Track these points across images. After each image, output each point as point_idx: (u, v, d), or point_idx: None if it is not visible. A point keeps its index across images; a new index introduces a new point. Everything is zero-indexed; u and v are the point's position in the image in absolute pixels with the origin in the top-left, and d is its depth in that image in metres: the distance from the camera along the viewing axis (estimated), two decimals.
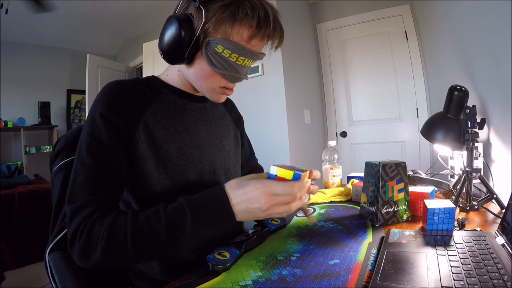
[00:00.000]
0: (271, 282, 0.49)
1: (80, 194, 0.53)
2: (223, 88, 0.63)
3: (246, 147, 0.91)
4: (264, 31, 0.57)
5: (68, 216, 0.53)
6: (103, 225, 0.50)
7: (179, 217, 0.50)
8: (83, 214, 0.51)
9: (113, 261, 0.51)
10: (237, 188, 0.52)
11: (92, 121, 0.57)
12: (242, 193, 0.51)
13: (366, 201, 0.78)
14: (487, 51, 1.08)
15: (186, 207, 0.51)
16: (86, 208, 0.52)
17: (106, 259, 0.49)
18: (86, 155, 0.54)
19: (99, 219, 0.51)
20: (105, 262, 0.50)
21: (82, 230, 0.50)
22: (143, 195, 0.62)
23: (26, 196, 2.26)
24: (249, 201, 0.50)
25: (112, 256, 0.50)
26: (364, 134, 2.71)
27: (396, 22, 2.52)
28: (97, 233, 0.50)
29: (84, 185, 0.53)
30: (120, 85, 0.61)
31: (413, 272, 0.46)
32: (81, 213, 0.52)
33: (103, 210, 0.53)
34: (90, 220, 0.51)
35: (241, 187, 0.51)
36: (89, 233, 0.50)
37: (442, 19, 1.70)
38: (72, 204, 0.53)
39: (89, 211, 0.52)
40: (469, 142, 0.85)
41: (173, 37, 0.56)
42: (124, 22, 3.33)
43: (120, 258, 0.50)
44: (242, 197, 0.51)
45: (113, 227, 0.50)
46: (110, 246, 0.49)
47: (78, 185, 0.53)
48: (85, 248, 0.50)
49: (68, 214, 0.53)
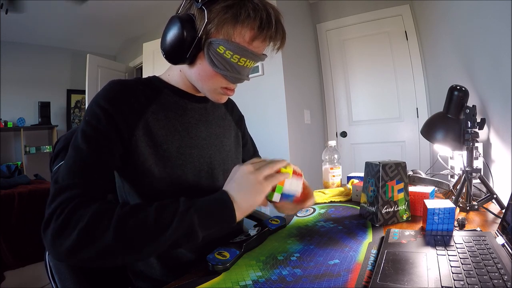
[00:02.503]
0: (271, 282, 0.49)
1: (67, 175, 0.50)
2: (224, 88, 0.63)
3: (249, 145, 0.91)
4: (266, 32, 0.57)
5: (50, 196, 0.49)
6: (88, 209, 0.46)
7: (172, 203, 0.50)
8: (66, 194, 0.48)
9: (87, 247, 0.45)
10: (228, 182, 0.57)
11: (91, 111, 0.56)
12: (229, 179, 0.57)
13: (366, 201, 0.78)
14: (487, 51, 1.08)
15: (181, 198, 0.51)
16: (72, 189, 0.49)
17: (81, 243, 0.44)
18: (81, 141, 0.54)
19: (83, 205, 0.47)
20: (79, 248, 0.44)
21: (62, 210, 0.46)
22: (142, 194, 0.62)
23: (26, 196, 2.26)
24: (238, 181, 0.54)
25: (89, 240, 0.44)
26: (364, 134, 2.71)
27: (396, 22, 2.52)
28: (79, 215, 0.46)
29: (73, 168, 0.51)
30: (122, 84, 0.61)
31: (413, 272, 0.46)
32: (65, 193, 0.48)
33: (91, 196, 0.50)
34: (73, 203, 0.47)
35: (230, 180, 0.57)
36: (70, 214, 0.46)
37: (442, 19, 1.70)
38: (56, 184, 0.50)
39: (74, 192, 0.48)
40: (469, 142, 0.85)
41: (176, 38, 0.56)
42: (124, 22, 3.33)
43: (96, 244, 0.45)
44: (232, 183, 0.55)
45: (99, 212, 0.46)
46: (90, 228, 0.45)
47: (68, 168, 0.51)
48: (61, 230, 0.45)
49: (51, 193, 0.49)
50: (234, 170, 0.57)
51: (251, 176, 0.54)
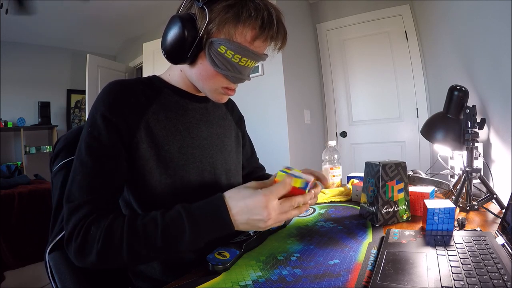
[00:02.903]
0: (271, 282, 0.49)
1: (78, 193, 0.53)
2: (225, 88, 0.63)
3: (248, 147, 0.91)
4: (267, 32, 0.57)
5: (66, 215, 0.53)
6: (100, 227, 0.50)
7: (176, 228, 0.50)
8: (80, 213, 0.51)
9: (108, 264, 0.51)
10: (237, 198, 0.51)
11: (92, 121, 0.57)
12: (243, 204, 0.50)
13: (366, 201, 0.78)
14: (487, 51, 1.08)
15: (185, 217, 0.50)
16: (83, 208, 0.52)
17: (102, 261, 0.50)
18: (85, 154, 0.55)
19: (96, 220, 0.51)
20: (101, 264, 0.50)
21: (79, 230, 0.50)
22: (144, 195, 0.62)
23: (26, 196, 2.26)
24: (250, 213, 0.50)
25: (108, 259, 0.50)
26: (364, 134, 2.71)
27: (396, 22, 2.52)
28: (93, 235, 0.50)
29: (82, 185, 0.53)
30: (122, 84, 0.61)
31: (413, 272, 0.46)
32: (78, 212, 0.52)
33: (101, 211, 0.53)
34: (87, 221, 0.51)
35: (242, 199, 0.51)
36: (86, 234, 0.50)
37: (442, 19, 1.70)
38: (70, 203, 0.53)
39: (86, 211, 0.52)
40: (469, 142, 0.85)
41: (176, 37, 0.55)
42: (124, 22, 3.33)
43: (115, 261, 0.51)
44: (243, 208, 0.50)
45: (109, 230, 0.50)
46: (105, 249, 0.49)
47: (77, 184, 0.53)
48: (81, 249, 0.50)
49: (66, 212, 0.53)
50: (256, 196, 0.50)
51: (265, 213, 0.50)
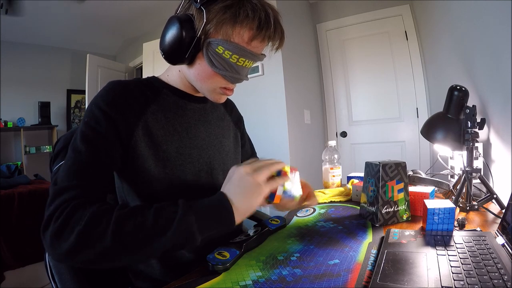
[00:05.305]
0: (271, 282, 0.49)
1: (67, 177, 0.50)
2: (223, 88, 0.63)
3: (247, 146, 0.91)
4: (264, 32, 0.57)
5: (50, 197, 0.49)
6: (86, 210, 0.46)
7: (170, 206, 0.49)
8: (66, 195, 0.48)
9: (86, 250, 0.45)
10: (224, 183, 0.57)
11: (90, 112, 0.56)
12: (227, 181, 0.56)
13: (366, 201, 0.78)
14: (487, 51, 1.08)
15: (180, 202, 0.50)
16: (70, 191, 0.49)
17: (80, 245, 0.44)
18: (80, 142, 0.53)
19: (83, 205, 0.47)
20: (77, 250, 0.45)
21: (61, 211, 0.46)
22: (143, 193, 0.62)
23: (26, 196, 2.26)
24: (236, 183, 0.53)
25: (87, 242, 0.44)
26: (364, 134, 2.71)
27: (396, 22, 2.52)
28: (78, 217, 0.46)
29: (73, 170, 0.51)
30: (122, 84, 0.61)
31: (413, 272, 0.46)
32: (64, 194, 0.48)
33: (89, 198, 0.49)
34: (73, 204, 0.47)
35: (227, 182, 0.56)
36: (69, 215, 0.46)
37: (442, 19, 1.70)
38: (55, 186, 0.50)
39: (73, 193, 0.48)
40: (469, 142, 0.85)
41: (174, 38, 0.56)
42: (124, 22, 3.33)
43: (95, 246, 0.45)
44: (230, 185, 0.54)
45: (97, 214, 0.46)
46: (88, 230, 0.45)
47: (67, 170, 0.51)
48: (59, 231, 0.45)
49: (50, 194, 0.49)
50: (232, 171, 0.57)
51: (249, 178, 0.53)
